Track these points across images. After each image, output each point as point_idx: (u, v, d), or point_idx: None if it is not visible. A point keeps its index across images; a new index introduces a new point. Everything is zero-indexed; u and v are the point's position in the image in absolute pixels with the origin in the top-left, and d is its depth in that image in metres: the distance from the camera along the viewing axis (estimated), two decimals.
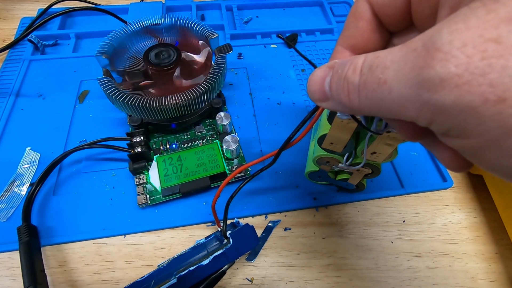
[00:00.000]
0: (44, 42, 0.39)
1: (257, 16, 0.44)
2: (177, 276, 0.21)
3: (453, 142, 0.09)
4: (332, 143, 0.22)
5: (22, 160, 0.30)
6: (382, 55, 0.10)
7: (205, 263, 0.21)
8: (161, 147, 0.30)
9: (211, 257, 0.22)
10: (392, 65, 0.09)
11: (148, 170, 0.28)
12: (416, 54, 0.09)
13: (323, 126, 0.22)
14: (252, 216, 0.28)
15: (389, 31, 0.14)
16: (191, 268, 0.21)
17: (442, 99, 0.08)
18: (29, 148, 0.30)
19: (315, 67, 0.38)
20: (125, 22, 0.38)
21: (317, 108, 0.17)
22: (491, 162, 0.09)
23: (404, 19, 0.13)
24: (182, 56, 0.30)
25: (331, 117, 0.20)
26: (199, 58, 0.31)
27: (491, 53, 0.08)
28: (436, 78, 0.08)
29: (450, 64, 0.08)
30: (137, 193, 0.27)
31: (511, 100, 0.07)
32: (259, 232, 0.27)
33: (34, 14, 0.42)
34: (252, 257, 0.26)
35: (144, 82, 0.29)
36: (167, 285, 0.21)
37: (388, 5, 0.13)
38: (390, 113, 0.10)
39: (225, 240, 0.23)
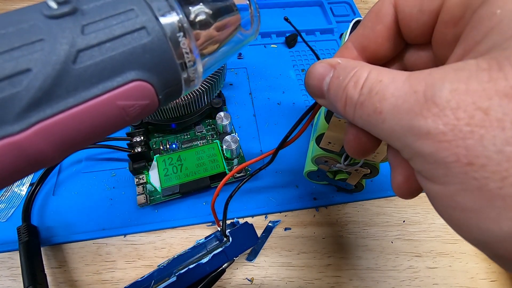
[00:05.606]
0: None
1: None
2: (176, 274, 0.21)
3: (422, 181, 0.10)
4: (330, 143, 0.22)
5: None
6: (385, 82, 0.10)
7: (205, 261, 0.21)
8: (161, 147, 0.30)
9: (210, 255, 0.22)
10: (391, 98, 0.10)
11: (148, 170, 0.28)
12: (415, 98, 0.09)
13: (321, 126, 0.22)
14: (252, 216, 0.28)
15: (405, 41, 0.14)
16: (191, 266, 0.21)
17: (423, 147, 0.09)
18: None
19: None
20: None
21: (313, 106, 0.17)
22: (443, 210, 0.10)
23: (424, 36, 0.13)
24: None
25: (329, 116, 0.20)
26: None
27: (476, 122, 0.08)
28: (425, 129, 0.09)
29: (440, 121, 0.09)
30: (137, 193, 0.27)
31: (477, 166, 0.08)
32: (259, 232, 0.27)
33: None
34: (252, 257, 0.26)
35: None
36: (166, 283, 0.21)
37: (414, 17, 0.12)
38: (379, 137, 0.11)
39: (225, 239, 0.23)
